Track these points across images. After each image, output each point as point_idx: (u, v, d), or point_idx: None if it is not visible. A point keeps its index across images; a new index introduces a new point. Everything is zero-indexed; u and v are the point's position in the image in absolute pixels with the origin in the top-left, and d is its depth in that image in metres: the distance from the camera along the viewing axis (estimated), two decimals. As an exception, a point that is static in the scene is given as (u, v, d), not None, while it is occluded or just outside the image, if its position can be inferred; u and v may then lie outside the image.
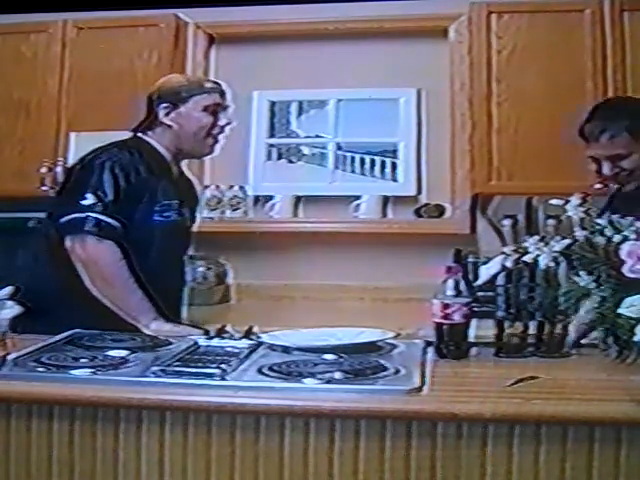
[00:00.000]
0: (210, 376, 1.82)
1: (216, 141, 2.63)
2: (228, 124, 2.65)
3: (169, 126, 2.61)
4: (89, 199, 2.48)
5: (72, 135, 3.55)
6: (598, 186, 3.20)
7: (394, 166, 3.65)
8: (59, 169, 3.52)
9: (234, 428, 1.73)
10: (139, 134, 2.66)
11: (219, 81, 2.78)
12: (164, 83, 2.65)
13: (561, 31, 3.32)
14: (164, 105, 2.59)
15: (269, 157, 3.75)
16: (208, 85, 2.63)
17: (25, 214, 2.63)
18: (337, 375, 1.81)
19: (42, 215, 2.75)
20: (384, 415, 1.70)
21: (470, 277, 2.20)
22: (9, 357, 1.93)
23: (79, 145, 3.54)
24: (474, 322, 2.08)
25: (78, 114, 3.54)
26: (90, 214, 2.47)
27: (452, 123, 3.48)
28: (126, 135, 2.72)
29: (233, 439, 1.73)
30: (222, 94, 2.65)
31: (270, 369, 1.88)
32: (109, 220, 2.48)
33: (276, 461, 1.71)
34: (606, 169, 2.43)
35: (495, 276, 2.19)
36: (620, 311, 1.89)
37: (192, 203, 2.79)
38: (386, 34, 3.56)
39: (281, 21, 3.59)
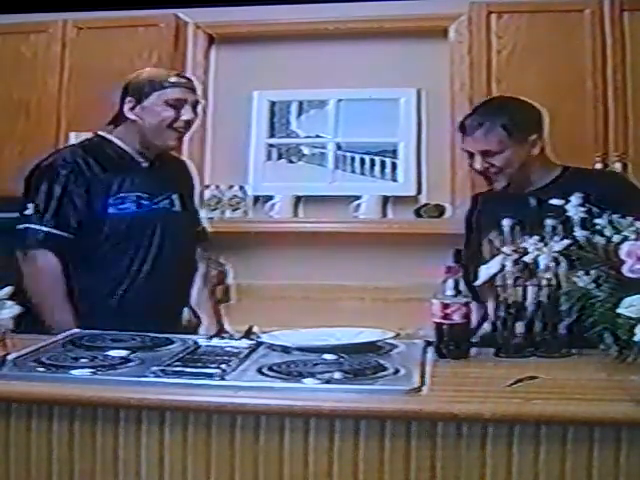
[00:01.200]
0: (210, 376, 1.82)
1: (180, 135, 2.61)
2: (193, 119, 2.62)
3: (133, 120, 2.58)
4: (29, 209, 2.47)
5: (72, 135, 3.54)
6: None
7: (394, 166, 3.65)
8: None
9: (234, 428, 1.72)
10: (102, 132, 2.64)
11: (188, 76, 2.73)
12: (133, 78, 2.61)
13: (561, 31, 3.32)
14: (129, 99, 2.57)
15: (269, 157, 3.76)
16: (172, 80, 2.59)
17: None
18: (337, 375, 1.81)
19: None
20: (384, 415, 1.70)
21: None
22: (9, 357, 1.93)
23: (79, 145, 3.54)
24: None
25: (78, 114, 3.55)
26: (29, 225, 2.46)
27: (452, 123, 3.48)
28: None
29: (233, 439, 1.73)
30: (189, 89, 2.62)
31: (270, 369, 1.88)
32: (50, 230, 2.46)
33: (276, 461, 1.71)
34: (477, 164, 2.44)
35: (495, 276, 2.19)
36: (620, 311, 1.89)
37: (172, 190, 2.68)
38: (386, 34, 3.56)
39: (281, 21, 3.59)
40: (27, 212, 2.47)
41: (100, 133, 2.65)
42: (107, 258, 2.53)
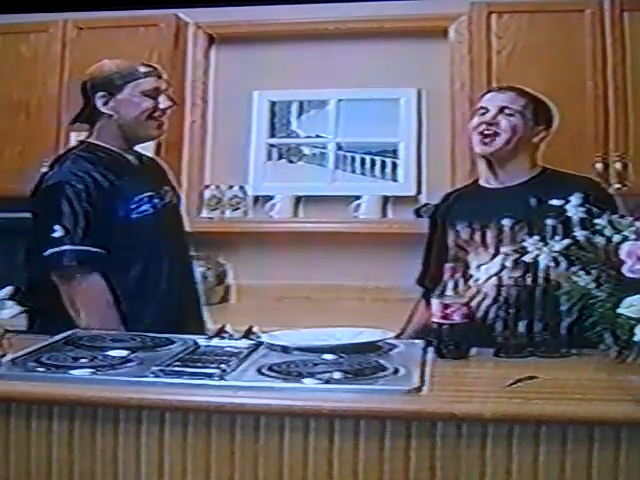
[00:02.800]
0: (210, 376, 1.82)
1: (160, 124, 2.58)
2: (171, 106, 2.58)
3: (110, 115, 2.51)
4: (58, 232, 2.37)
5: (72, 135, 3.54)
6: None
7: (394, 166, 3.65)
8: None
9: (234, 428, 1.72)
10: (85, 139, 2.57)
11: (154, 64, 2.66)
12: (95, 71, 2.55)
13: (561, 31, 3.32)
14: (100, 94, 2.50)
15: (269, 157, 3.75)
16: (142, 70, 2.56)
17: (25, 214, 2.61)
18: (336, 375, 1.81)
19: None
20: (383, 415, 1.70)
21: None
22: (5, 359, 1.92)
23: (79, 145, 3.54)
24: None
25: (78, 114, 3.54)
26: (65, 247, 2.37)
27: (452, 123, 3.48)
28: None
29: (233, 439, 1.73)
30: (160, 77, 2.58)
31: (270, 369, 1.88)
32: (86, 248, 2.39)
33: (276, 461, 1.71)
34: (487, 116, 2.45)
35: (495, 276, 2.20)
36: (620, 311, 1.89)
37: (165, 183, 2.67)
38: (386, 34, 3.56)
39: (281, 21, 3.59)
40: (56, 235, 2.37)
41: (84, 140, 2.58)
42: (138, 263, 2.48)
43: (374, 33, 3.58)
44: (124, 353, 2.01)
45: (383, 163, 3.66)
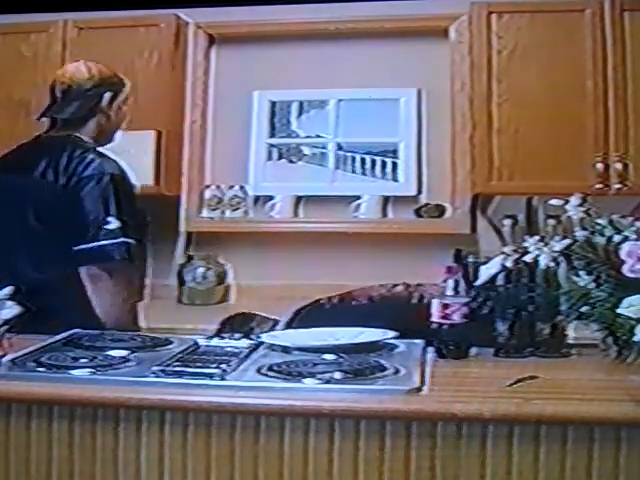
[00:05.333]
0: (210, 376, 1.82)
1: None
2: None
3: (107, 116, 2.53)
4: (113, 223, 2.37)
5: (72, 135, 3.55)
6: (599, 186, 3.22)
7: (394, 166, 3.65)
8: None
9: (234, 428, 1.72)
10: (82, 135, 2.54)
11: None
12: (101, 72, 2.55)
13: (561, 31, 3.32)
14: (109, 94, 2.52)
15: (269, 157, 3.75)
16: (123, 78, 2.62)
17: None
18: (337, 375, 1.81)
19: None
20: (384, 415, 1.70)
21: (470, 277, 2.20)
22: (5, 359, 1.92)
23: (79, 145, 3.54)
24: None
25: (78, 114, 3.54)
26: (121, 239, 2.37)
27: (452, 123, 3.48)
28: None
29: (233, 439, 1.73)
30: None
31: (270, 369, 1.88)
32: (133, 242, 2.40)
33: (276, 461, 1.71)
34: None
35: (495, 276, 2.20)
36: (620, 311, 1.89)
37: None
38: (386, 34, 3.56)
39: (281, 21, 3.59)
40: (111, 226, 2.36)
41: (79, 135, 2.55)
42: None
43: (374, 33, 3.58)
44: (124, 353, 2.01)
45: (383, 163, 3.66)
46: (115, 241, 2.38)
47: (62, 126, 2.56)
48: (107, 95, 2.53)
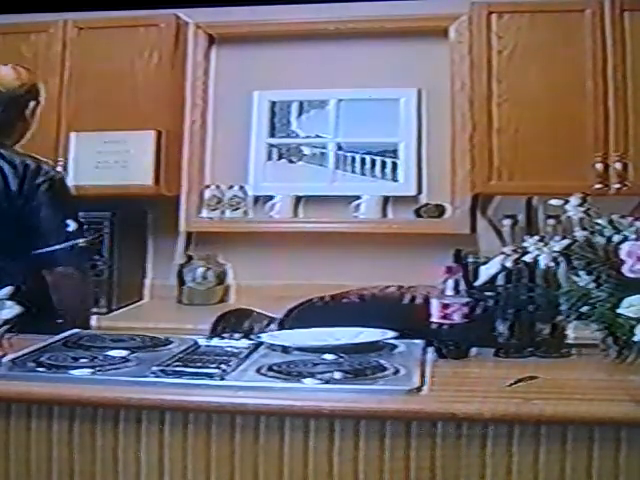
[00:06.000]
0: (210, 376, 1.82)
1: None
2: None
3: (28, 123, 2.56)
4: (72, 226, 2.45)
5: (72, 135, 3.55)
6: (598, 186, 3.22)
7: (394, 166, 3.65)
8: (59, 169, 3.52)
9: (234, 428, 1.72)
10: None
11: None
12: (29, 78, 2.56)
13: (561, 31, 3.32)
14: (33, 103, 2.55)
15: (269, 157, 3.75)
16: None
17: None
18: (337, 375, 1.81)
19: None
20: (384, 415, 1.70)
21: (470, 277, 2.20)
22: (5, 359, 1.92)
23: (79, 145, 3.55)
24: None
25: (78, 114, 3.55)
26: (79, 240, 2.47)
27: (452, 123, 3.49)
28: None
29: (233, 439, 1.73)
30: None
31: (270, 369, 1.88)
32: (86, 243, 2.51)
33: (276, 461, 1.71)
34: None
35: (495, 276, 2.19)
36: (620, 311, 1.89)
37: None
38: (386, 34, 3.56)
39: (281, 21, 3.59)
40: (70, 229, 2.45)
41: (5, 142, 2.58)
42: None
43: (374, 33, 3.58)
44: (124, 353, 2.01)
45: (383, 163, 3.66)
46: (75, 242, 2.46)
47: None
48: (32, 104, 2.55)
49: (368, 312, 2.57)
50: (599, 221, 2.03)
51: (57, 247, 2.43)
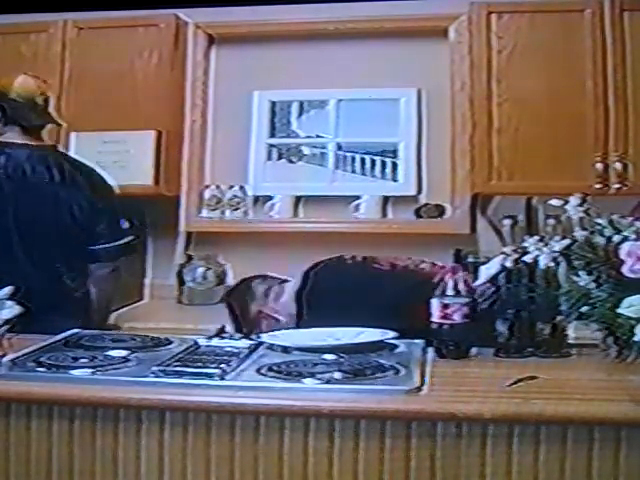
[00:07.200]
0: (210, 376, 1.82)
1: None
2: None
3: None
4: (125, 223, 2.76)
5: (72, 135, 3.55)
6: (598, 186, 3.22)
7: (394, 166, 3.65)
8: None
9: (234, 428, 1.73)
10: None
11: None
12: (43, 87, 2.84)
13: (561, 31, 3.32)
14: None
15: (269, 157, 3.75)
16: None
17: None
18: (337, 375, 1.81)
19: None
20: (384, 415, 1.70)
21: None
22: (5, 359, 1.92)
23: (79, 145, 3.54)
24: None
25: (78, 114, 3.54)
26: (132, 237, 2.78)
27: (452, 123, 3.48)
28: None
29: (233, 439, 1.73)
30: None
31: (270, 369, 1.88)
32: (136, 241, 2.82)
33: (276, 461, 1.71)
34: None
35: (495, 276, 2.20)
36: (620, 311, 1.89)
37: None
38: (386, 34, 3.56)
39: (281, 21, 3.59)
40: (125, 226, 2.77)
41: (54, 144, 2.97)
42: None
43: (374, 33, 3.58)
44: (124, 353, 2.01)
45: (383, 163, 3.66)
46: (130, 239, 2.77)
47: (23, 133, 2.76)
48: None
49: (396, 282, 2.54)
50: (599, 221, 2.04)
51: (114, 243, 2.70)
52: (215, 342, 2.15)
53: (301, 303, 2.57)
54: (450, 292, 2.06)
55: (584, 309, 1.99)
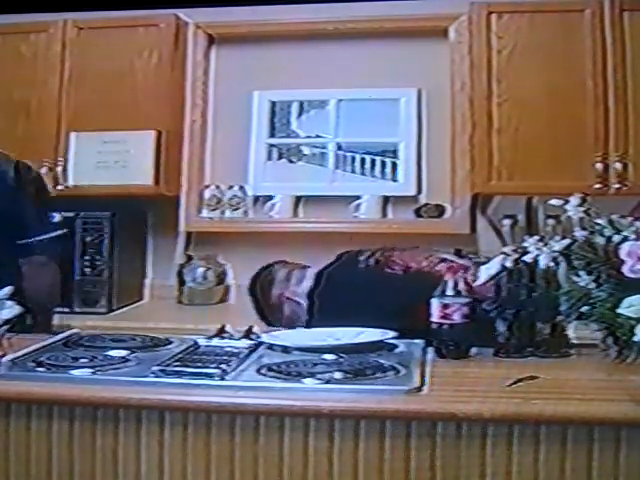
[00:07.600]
0: (210, 376, 1.82)
1: None
2: None
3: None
4: (56, 217, 2.81)
5: (72, 135, 3.55)
6: (598, 186, 3.22)
7: (394, 166, 3.65)
8: (59, 169, 3.53)
9: (234, 428, 1.73)
10: None
11: None
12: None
13: (561, 31, 3.32)
14: None
15: (269, 157, 3.75)
16: None
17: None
18: (337, 375, 1.81)
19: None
20: (384, 415, 1.70)
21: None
22: (5, 359, 1.92)
23: (79, 145, 3.54)
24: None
25: (78, 114, 3.55)
26: (64, 231, 2.75)
27: (452, 123, 3.48)
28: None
29: (233, 439, 1.73)
30: None
31: (270, 369, 1.88)
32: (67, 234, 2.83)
33: (276, 461, 1.71)
34: None
35: (495, 276, 2.19)
36: (620, 311, 1.89)
37: None
38: (386, 34, 3.56)
39: (281, 21, 3.59)
40: (56, 220, 2.82)
41: None
42: None
43: (374, 33, 3.58)
44: (124, 353, 2.01)
45: (383, 163, 3.66)
46: (62, 232, 2.73)
47: None
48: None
49: (406, 287, 2.49)
50: (599, 221, 2.03)
51: (46, 236, 2.62)
52: (215, 342, 2.15)
53: (313, 302, 2.55)
54: (450, 292, 2.06)
55: (584, 309, 1.99)
